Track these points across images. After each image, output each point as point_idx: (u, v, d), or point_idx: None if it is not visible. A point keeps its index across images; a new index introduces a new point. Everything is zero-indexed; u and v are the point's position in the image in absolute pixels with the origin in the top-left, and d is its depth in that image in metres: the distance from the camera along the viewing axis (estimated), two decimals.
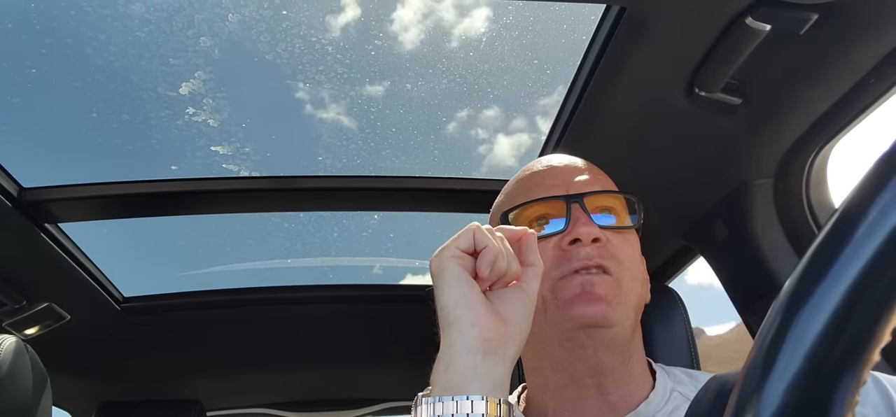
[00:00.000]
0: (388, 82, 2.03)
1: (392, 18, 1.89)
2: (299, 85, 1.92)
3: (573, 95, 1.44)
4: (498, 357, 0.72)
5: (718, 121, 1.33)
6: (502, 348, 0.73)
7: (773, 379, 0.33)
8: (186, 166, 2.03)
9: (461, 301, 0.73)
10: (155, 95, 1.88)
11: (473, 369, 0.70)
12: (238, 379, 2.98)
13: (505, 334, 0.73)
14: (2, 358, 1.22)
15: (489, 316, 0.73)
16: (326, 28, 1.76)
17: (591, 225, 0.93)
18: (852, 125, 1.27)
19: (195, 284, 2.42)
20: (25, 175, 1.62)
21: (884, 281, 0.31)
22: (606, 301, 0.91)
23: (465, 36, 1.93)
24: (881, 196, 0.32)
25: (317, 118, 2.05)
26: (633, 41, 1.19)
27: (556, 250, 0.95)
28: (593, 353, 0.94)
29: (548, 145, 1.64)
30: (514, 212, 1.01)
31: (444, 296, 0.74)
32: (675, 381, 1.01)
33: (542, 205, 0.99)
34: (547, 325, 0.95)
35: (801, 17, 1.04)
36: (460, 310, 0.73)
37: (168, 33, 1.72)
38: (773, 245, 1.46)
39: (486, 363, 0.71)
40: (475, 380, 0.69)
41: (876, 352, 0.32)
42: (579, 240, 0.93)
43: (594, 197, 0.98)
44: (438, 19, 1.90)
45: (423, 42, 1.91)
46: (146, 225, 2.04)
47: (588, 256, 0.92)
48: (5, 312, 1.91)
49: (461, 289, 0.74)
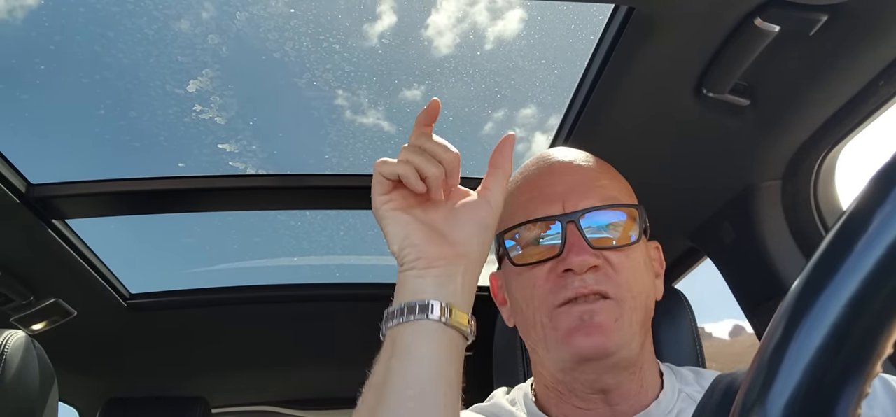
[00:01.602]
0: (397, 81, 2.03)
1: (397, 18, 1.89)
2: (306, 83, 1.91)
3: (580, 95, 1.43)
4: (448, 275, 0.76)
5: (726, 123, 1.33)
6: (451, 266, 0.76)
7: (775, 389, 0.33)
8: (193, 163, 2.04)
9: (403, 241, 0.77)
10: (163, 92, 1.88)
11: (422, 288, 0.75)
12: (244, 376, 2.98)
13: (453, 254, 0.77)
14: (10, 354, 1.23)
15: (433, 244, 0.77)
16: (334, 27, 1.76)
17: (585, 252, 0.89)
18: (861, 127, 1.26)
19: (202, 281, 2.43)
20: (33, 171, 1.63)
21: (886, 292, 0.31)
22: (605, 331, 0.88)
23: (472, 36, 1.93)
24: (883, 206, 0.31)
25: (324, 116, 2.06)
26: (641, 41, 1.18)
27: (552, 275, 0.92)
28: (596, 377, 0.92)
29: (556, 144, 1.63)
30: (509, 234, 0.98)
31: (389, 241, 0.79)
32: (682, 381, 1.01)
33: (535, 225, 0.95)
34: (548, 353, 0.94)
35: (811, 19, 1.03)
36: (405, 250, 0.77)
37: (176, 31, 1.73)
38: (781, 247, 1.45)
39: (437, 281, 0.75)
40: (425, 295, 0.74)
41: (878, 364, 0.32)
42: (573, 270, 0.89)
43: (592, 214, 0.93)
44: (441, 19, 1.89)
45: (429, 42, 1.91)
46: (153, 222, 2.05)
47: (584, 284, 0.89)
48: (13, 307, 1.92)
49: (400, 230, 0.78)
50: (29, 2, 1.75)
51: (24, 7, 1.76)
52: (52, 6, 1.74)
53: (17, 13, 1.78)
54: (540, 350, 0.96)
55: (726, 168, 1.47)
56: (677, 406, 0.95)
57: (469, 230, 0.79)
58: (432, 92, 2.04)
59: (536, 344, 0.96)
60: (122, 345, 2.48)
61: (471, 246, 0.78)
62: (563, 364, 0.92)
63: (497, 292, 1.09)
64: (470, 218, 0.79)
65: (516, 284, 0.97)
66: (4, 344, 1.24)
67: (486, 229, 0.80)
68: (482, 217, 0.80)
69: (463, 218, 0.79)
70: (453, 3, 1.84)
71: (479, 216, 0.80)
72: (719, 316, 2.75)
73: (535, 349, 0.99)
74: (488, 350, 1.51)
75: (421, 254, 0.76)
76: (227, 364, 2.83)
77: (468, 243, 0.78)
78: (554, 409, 0.99)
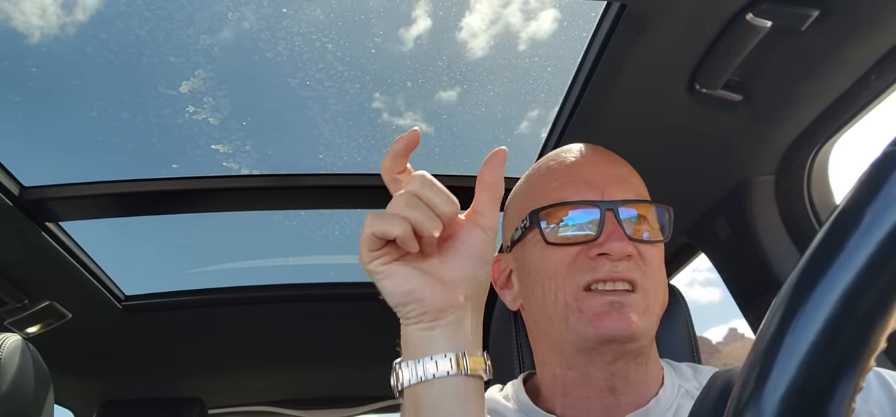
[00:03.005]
0: (390, 80, 2.03)
1: (396, 16, 1.89)
2: (299, 83, 1.91)
3: (574, 92, 1.44)
4: (458, 322, 0.72)
5: (720, 118, 1.33)
6: (459, 313, 0.72)
7: (770, 384, 0.33)
8: (187, 164, 2.03)
9: (404, 297, 0.71)
10: (155, 93, 1.88)
11: (433, 343, 0.71)
12: (240, 377, 2.98)
13: (458, 302, 0.72)
14: (4, 357, 1.22)
15: (436, 294, 0.71)
16: (326, 26, 1.76)
17: (624, 240, 0.91)
18: (853, 122, 1.26)
19: (197, 282, 2.42)
20: (26, 174, 1.62)
21: (879, 285, 0.31)
22: (635, 317, 0.90)
23: (466, 32, 1.93)
24: (876, 200, 0.32)
25: (317, 116, 2.05)
26: (634, 38, 1.18)
27: (585, 257, 0.93)
28: (612, 361, 0.93)
29: (549, 142, 1.64)
30: (546, 212, 0.97)
31: (387, 298, 0.73)
32: (681, 377, 1.01)
33: (574, 208, 0.96)
34: (568, 332, 0.94)
35: (802, 14, 1.04)
36: (408, 306, 0.72)
37: (168, 31, 1.72)
38: (775, 241, 1.46)
39: (447, 333, 0.71)
40: (438, 349, 0.71)
41: (872, 359, 0.32)
42: (608, 255, 0.91)
43: (630, 206, 0.95)
44: (437, 16, 1.89)
45: (424, 40, 1.91)
46: (147, 223, 2.04)
47: (615, 270, 0.90)
48: (7, 311, 1.91)
49: (399, 285, 0.71)
50: (20, 4, 1.74)
51: (16, 10, 1.76)
52: (44, 9, 1.73)
53: (9, 16, 1.77)
54: (557, 328, 0.95)
55: (720, 163, 1.47)
56: (676, 402, 0.96)
57: (469, 268, 0.73)
58: (428, 91, 2.05)
59: (554, 321, 0.95)
60: (118, 347, 2.48)
61: (473, 286, 0.74)
62: (583, 344, 0.93)
63: (498, 276, 1.08)
64: (469, 254, 0.73)
65: (541, 260, 0.97)
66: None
67: (486, 262, 0.75)
68: (480, 250, 0.74)
69: (461, 255, 0.73)
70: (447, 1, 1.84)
71: (477, 250, 0.74)
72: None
73: (549, 330, 0.98)
74: (484, 345, 1.52)
75: (426, 309, 0.71)
76: (224, 365, 2.83)
77: (470, 282, 0.73)
78: (560, 400, 0.99)
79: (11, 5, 1.75)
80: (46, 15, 1.76)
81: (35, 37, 1.76)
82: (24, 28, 1.75)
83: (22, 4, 1.75)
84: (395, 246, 0.70)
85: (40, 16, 1.75)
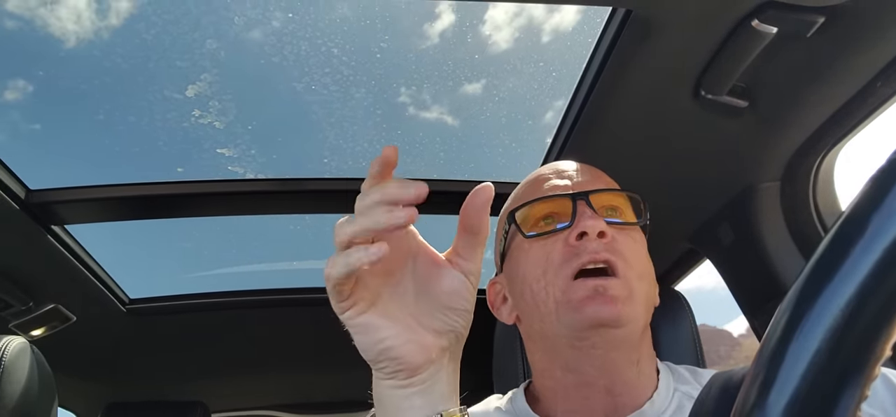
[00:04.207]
0: (395, 84, 2.03)
1: (403, 20, 1.89)
2: (305, 87, 1.92)
3: (579, 97, 1.44)
4: (433, 379, 0.68)
5: (725, 124, 1.33)
6: (434, 369, 0.68)
7: (774, 391, 0.33)
8: (192, 168, 2.03)
9: (379, 355, 0.67)
10: (161, 97, 1.88)
11: (407, 402, 0.67)
12: (243, 381, 2.98)
13: (435, 353, 0.67)
14: (9, 359, 1.23)
15: (412, 348, 0.66)
16: (332, 30, 1.76)
17: (597, 219, 0.93)
18: (859, 128, 1.26)
19: (201, 286, 2.42)
20: (32, 177, 1.62)
21: (885, 293, 0.31)
22: (617, 302, 0.91)
23: (471, 36, 1.93)
24: (882, 207, 0.31)
25: (322, 120, 2.06)
26: (639, 43, 1.18)
27: (564, 246, 0.94)
28: (604, 353, 0.94)
29: (553, 147, 1.64)
30: (521, 211, 1.02)
31: (362, 352, 0.68)
32: (678, 380, 1.02)
33: (548, 203, 1.00)
34: (559, 325, 0.95)
35: (808, 20, 1.04)
36: (382, 363, 0.67)
37: (174, 35, 1.73)
38: (780, 248, 1.46)
39: (422, 391, 0.67)
40: (412, 412, 0.67)
41: (878, 366, 0.32)
42: (586, 234, 0.93)
43: (600, 195, 0.98)
44: (443, 21, 1.90)
45: (432, 45, 1.91)
46: (152, 227, 2.05)
47: (595, 250, 0.92)
48: (12, 313, 1.92)
49: (372, 340, 0.66)
50: (27, 6, 1.75)
51: (22, 12, 1.77)
52: (50, 11, 1.74)
53: (15, 18, 1.78)
54: (550, 326, 0.96)
55: (725, 169, 1.47)
56: (672, 405, 0.96)
57: (448, 321, 0.68)
58: (436, 95, 2.05)
59: (546, 321, 0.96)
60: (122, 350, 2.48)
61: (451, 337, 0.69)
62: (574, 336, 0.94)
63: (494, 299, 1.11)
64: (448, 305, 0.68)
65: (526, 261, 0.99)
66: (4, 350, 1.24)
67: (466, 312, 0.69)
68: (461, 300, 0.68)
69: (440, 303, 0.68)
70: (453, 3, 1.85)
71: (457, 300, 0.68)
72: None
73: (543, 332, 0.99)
74: (488, 351, 1.51)
75: (401, 366, 0.66)
76: (227, 369, 2.83)
77: (449, 333, 0.68)
78: (560, 405, 1.00)
79: (14, 8, 1.76)
80: (53, 19, 1.77)
81: (41, 42, 1.77)
82: (30, 32, 1.76)
83: (37, 10, 1.76)
84: (365, 284, 0.66)
85: (47, 20, 1.76)
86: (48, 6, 1.76)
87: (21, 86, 1.87)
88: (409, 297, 0.69)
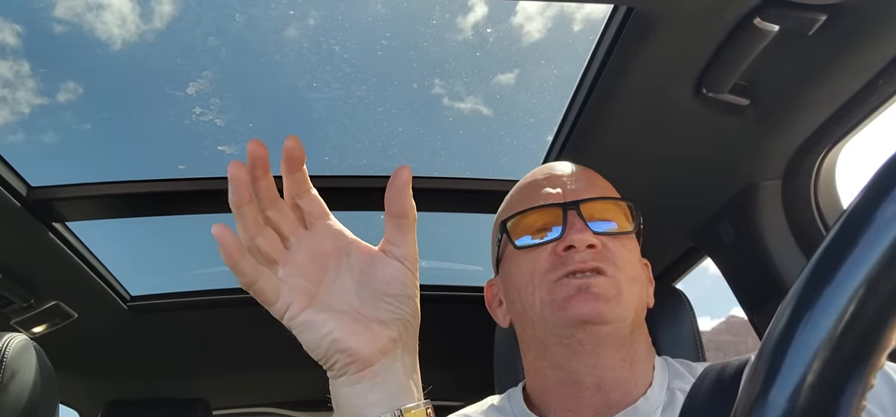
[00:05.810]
0: (397, 81, 2.03)
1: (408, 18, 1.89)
2: (306, 84, 1.92)
3: (580, 95, 1.44)
4: (387, 371, 0.67)
5: (726, 122, 1.33)
6: (388, 359, 0.67)
7: (777, 385, 0.33)
8: (194, 165, 2.04)
9: (326, 350, 0.66)
10: (163, 95, 1.88)
11: (363, 399, 0.66)
12: (244, 378, 2.98)
13: (385, 345, 0.67)
14: (10, 357, 1.23)
15: (361, 339, 0.66)
16: (333, 27, 1.76)
17: (586, 231, 0.94)
18: (861, 126, 1.26)
19: (202, 283, 2.43)
20: (34, 174, 1.63)
21: (885, 292, 0.31)
22: (603, 298, 0.92)
23: (471, 34, 1.93)
24: (884, 205, 0.31)
25: (324, 118, 2.06)
26: (640, 41, 1.18)
27: (552, 255, 0.96)
28: (592, 351, 0.95)
29: (554, 145, 1.63)
30: (512, 221, 1.03)
31: (310, 352, 0.68)
32: (673, 375, 1.02)
33: (539, 213, 1.00)
34: (546, 325, 0.96)
35: (810, 18, 1.03)
36: (332, 357, 0.66)
37: (176, 33, 1.73)
38: (782, 246, 1.45)
39: (376, 384, 0.66)
40: (369, 408, 0.66)
41: (882, 358, 0.32)
42: (574, 247, 0.94)
43: (591, 204, 0.98)
44: (445, 19, 1.89)
45: (431, 42, 1.91)
46: (153, 224, 2.05)
47: (583, 260, 0.93)
48: (13, 310, 1.92)
49: (317, 336, 0.66)
50: (30, 5, 1.75)
51: (25, 11, 1.77)
52: (54, 9, 1.74)
53: (19, 17, 1.78)
54: (539, 328, 0.98)
55: (726, 167, 1.47)
56: (664, 400, 0.97)
57: (392, 309, 0.67)
58: (439, 94, 2.04)
59: (536, 323, 0.98)
60: (123, 348, 2.49)
61: (400, 326, 0.68)
62: (561, 334, 0.95)
63: (491, 300, 1.13)
64: (388, 293, 0.67)
65: (517, 269, 1.01)
66: (5, 347, 1.24)
67: (410, 298, 0.68)
68: (400, 286, 0.67)
69: (380, 293, 0.67)
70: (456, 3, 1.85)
71: (396, 286, 0.67)
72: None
73: (534, 333, 1.00)
74: (489, 353, 1.51)
75: (351, 358, 0.65)
76: (228, 366, 2.83)
77: (396, 322, 0.68)
78: (553, 403, 1.00)
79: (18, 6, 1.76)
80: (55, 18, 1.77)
81: (44, 38, 1.77)
82: (30, 32, 1.76)
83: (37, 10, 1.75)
84: (294, 285, 0.67)
85: (51, 19, 1.76)
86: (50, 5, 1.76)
87: (23, 83, 1.87)
88: (349, 292, 0.69)
